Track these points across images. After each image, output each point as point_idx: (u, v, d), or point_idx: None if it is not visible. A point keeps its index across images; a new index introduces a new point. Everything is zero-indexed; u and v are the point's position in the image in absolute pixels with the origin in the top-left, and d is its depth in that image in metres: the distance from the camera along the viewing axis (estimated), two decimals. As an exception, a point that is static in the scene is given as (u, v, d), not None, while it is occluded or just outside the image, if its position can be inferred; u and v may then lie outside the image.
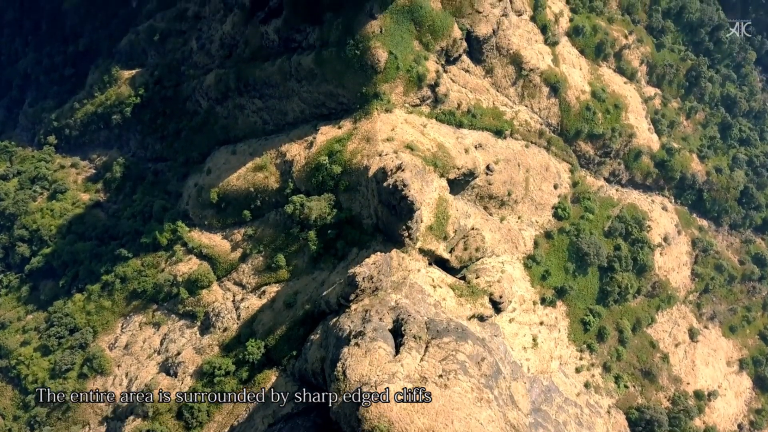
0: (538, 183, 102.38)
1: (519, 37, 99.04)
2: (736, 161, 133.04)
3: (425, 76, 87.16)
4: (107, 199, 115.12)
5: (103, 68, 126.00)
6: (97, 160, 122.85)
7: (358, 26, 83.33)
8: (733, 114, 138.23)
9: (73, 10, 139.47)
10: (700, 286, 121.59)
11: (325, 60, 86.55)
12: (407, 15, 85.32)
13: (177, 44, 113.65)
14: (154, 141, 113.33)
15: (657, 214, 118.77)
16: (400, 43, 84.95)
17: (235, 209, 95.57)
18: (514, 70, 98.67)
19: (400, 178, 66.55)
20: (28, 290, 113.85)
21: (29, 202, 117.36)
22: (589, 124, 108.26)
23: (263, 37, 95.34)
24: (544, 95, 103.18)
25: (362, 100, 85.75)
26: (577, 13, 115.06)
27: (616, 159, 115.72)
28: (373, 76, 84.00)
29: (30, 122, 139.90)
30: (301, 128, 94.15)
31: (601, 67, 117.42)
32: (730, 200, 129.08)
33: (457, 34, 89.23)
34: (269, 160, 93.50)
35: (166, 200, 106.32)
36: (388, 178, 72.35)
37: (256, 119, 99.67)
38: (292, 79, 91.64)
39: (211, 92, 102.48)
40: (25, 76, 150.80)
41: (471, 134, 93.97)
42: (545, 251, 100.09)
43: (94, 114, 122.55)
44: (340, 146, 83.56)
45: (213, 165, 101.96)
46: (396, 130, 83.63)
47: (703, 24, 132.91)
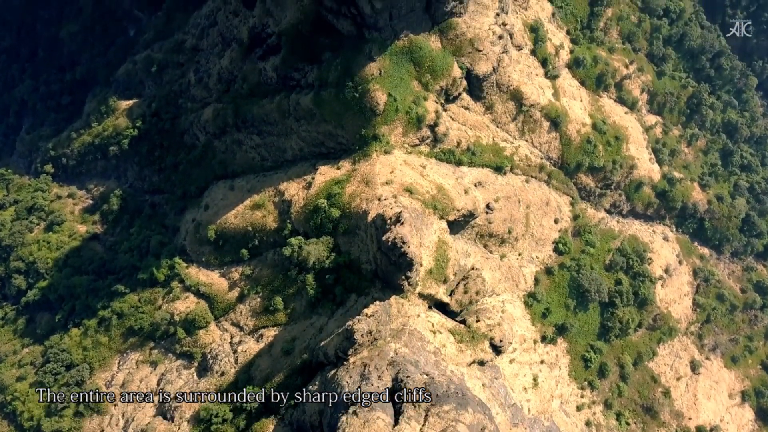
0: (538, 218, 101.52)
1: (519, 72, 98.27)
2: (737, 188, 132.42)
3: (424, 117, 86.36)
4: (104, 231, 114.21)
5: (100, 97, 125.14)
6: (95, 191, 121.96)
7: (357, 68, 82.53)
8: (734, 140, 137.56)
9: (71, 38, 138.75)
10: (701, 317, 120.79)
11: (324, 101, 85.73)
12: (406, 56, 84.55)
13: (174, 76, 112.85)
14: (152, 173, 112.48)
15: (658, 245, 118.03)
16: (399, 85, 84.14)
17: (232, 247, 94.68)
18: (514, 105, 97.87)
19: (399, 235, 65.66)
20: (24, 323, 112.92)
21: (26, 234, 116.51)
22: (590, 157, 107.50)
23: (261, 74, 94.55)
24: (544, 130, 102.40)
25: (361, 142, 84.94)
26: (578, 44, 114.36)
27: (617, 190, 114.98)
28: (372, 118, 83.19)
29: (27, 149, 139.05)
30: (300, 166, 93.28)
31: (602, 98, 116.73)
32: (731, 228, 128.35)
33: (456, 74, 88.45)
34: (267, 198, 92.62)
35: (164, 235, 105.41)
36: (387, 225, 71.62)
37: (254, 155, 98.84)
38: (290, 117, 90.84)
39: (209, 127, 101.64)
40: (21, 103, 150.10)
41: (471, 172, 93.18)
42: (546, 288, 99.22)
43: (91, 144, 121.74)
44: (339, 188, 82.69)
45: (211, 200, 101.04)
46: (395, 172, 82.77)
47: (704, 51, 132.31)
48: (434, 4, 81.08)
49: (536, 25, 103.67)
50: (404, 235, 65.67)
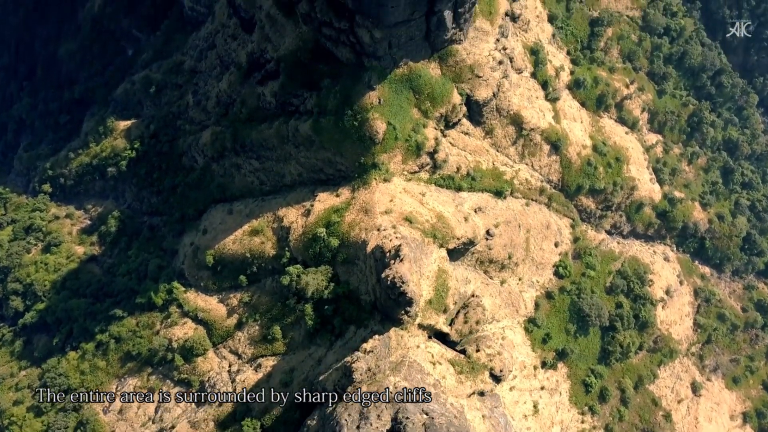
0: (539, 242, 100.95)
1: (520, 96, 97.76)
2: (738, 206, 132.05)
3: (424, 144, 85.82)
4: (102, 253, 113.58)
5: (98, 117, 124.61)
6: (92, 211, 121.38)
7: (356, 96, 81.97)
8: (735, 157, 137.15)
9: (69, 56, 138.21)
10: (702, 337, 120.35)
11: (323, 128, 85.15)
12: (406, 84, 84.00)
13: (173, 97, 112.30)
14: (150, 194, 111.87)
15: (659, 266, 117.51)
16: (398, 113, 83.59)
17: (231, 273, 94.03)
18: (514, 130, 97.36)
19: (399, 274, 65.14)
20: (21, 344, 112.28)
21: (23, 255, 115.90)
22: (591, 179, 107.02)
23: (260, 98, 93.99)
24: (545, 153, 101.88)
25: (360, 170, 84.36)
26: (578, 64, 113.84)
27: (618, 212, 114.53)
28: (371, 146, 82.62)
29: (24, 167, 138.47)
30: (299, 191, 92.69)
31: (603, 118, 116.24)
32: (732, 248, 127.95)
33: (456, 100, 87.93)
34: (266, 224, 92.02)
35: (162, 258, 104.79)
36: (386, 259, 71.17)
37: (253, 179, 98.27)
38: (289, 143, 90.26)
39: (207, 150, 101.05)
40: (20, 121, 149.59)
41: (470, 197, 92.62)
42: (546, 313, 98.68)
43: (89, 165, 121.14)
44: (338, 217, 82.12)
45: (209, 224, 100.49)
46: (394, 200, 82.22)
47: (705, 69, 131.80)
48: (434, 32, 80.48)
49: (536, 47, 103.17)
50: (404, 275, 65.10)
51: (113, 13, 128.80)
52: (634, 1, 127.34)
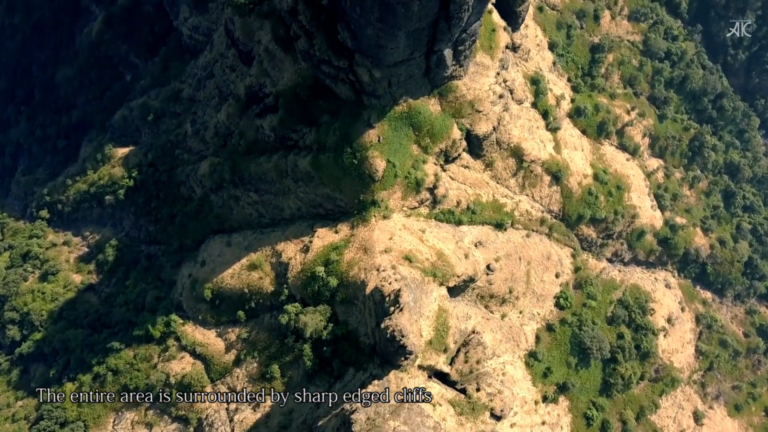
0: (539, 274, 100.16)
1: (520, 127, 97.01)
2: (740, 230, 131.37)
3: (424, 181, 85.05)
4: (100, 282, 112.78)
5: (96, 143, 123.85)
6: (90, 238, 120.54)
7: (355, 134, 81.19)
8: (736, 180, 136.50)
9: (66, 81, 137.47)
10: (704, 365, 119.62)
11: (322, 165, 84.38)
12: (405, 121, 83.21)
13: (171, 125, 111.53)
14: (148, 223, 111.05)
15: (660, 293, 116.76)
16: (398, 150, 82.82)
17: (229, 307, 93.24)
18: (515, 162, 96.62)
19: (399, 327, 64.38)
20: (18, 374, 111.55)
21: (20, 283, 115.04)
22: (592, 208, 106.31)
23: (259, 131, 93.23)
24: (545, 184, 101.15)
25: (360, 207, 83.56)
26: (579, 91, 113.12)
27: (619, 240, 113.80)
28: (370, 184, 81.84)
29: (22, 191, 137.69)
30: (298, 225, 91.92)
31: (604, 145, 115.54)
32: (734, 273, 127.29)
33: (456, 135, 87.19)
34: (264, 258, 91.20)
35: (160, 288, 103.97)
36: (386, 303, 70.43)
37: (251, 211, 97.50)
38: (288, 178, 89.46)
39: (206, 181, 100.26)
40: (17, 145, 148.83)
41: (471, 231, 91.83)
42: (547, 346, 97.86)
43: (87, 192, 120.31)
44: (337, 255, 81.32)
45: (207, 256, 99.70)
46: (394, 238, 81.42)
47: (706, 93, 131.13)
48: (433, 70, 79.69)
49: (537, 76, 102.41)
50: (404, 327, 64.37)
51: (111, 40, 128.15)
52: (635, 26, 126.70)
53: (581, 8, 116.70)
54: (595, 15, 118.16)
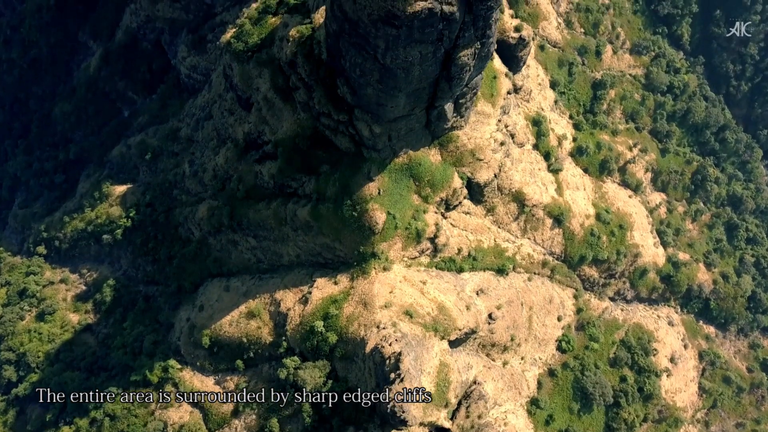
0: (541, 319, 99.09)
1: (521, 171, 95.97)
2: (743, 263, 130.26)
3: (424, 231, 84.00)
4: (97, 322, 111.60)
5: (94, 179, 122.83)
6: (87, 276, 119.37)
7: (355, 187, 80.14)
8: (739, 212, 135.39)
9: (64, 116, 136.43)
10: (707, 402, 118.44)
11: (322, 215, 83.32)
12: (406, 172, 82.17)
13: (169, 165, 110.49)
14: (146, 263, 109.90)
15: (663, 332, 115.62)
16: (398, 201, 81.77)
17: (227, 355, 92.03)
18: (516, 206, 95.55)
19: (400, 408, 63.33)
20: (14, 415, 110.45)
21: (17, 322, 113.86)
22: (594, 249, 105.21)
23: (257, 177, 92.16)
24: (547, 227, 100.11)
25: (359, 258, 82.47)
26: (580, 129, 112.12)
27: (621, 279, 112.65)
28: (370, 236, 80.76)
29: (19, 225, 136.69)
30: (297, 273, 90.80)
31: (606, 183, 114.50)
32: (737, 308, 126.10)
33: (457, 184, 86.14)
34: (263, 306, 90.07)
35: (157, 332, 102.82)
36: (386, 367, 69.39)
37: (250, 256, 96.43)
38: (287, 226, 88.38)
39: (204, 225, 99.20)
40: (14, 178, 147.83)
41: (472, 278, 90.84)
42: (549, 392, 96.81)
43: (84, 231, 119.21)
44: (336, 309, 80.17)
45: (205, 300, 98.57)
46: (394, 291, 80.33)
47: (709, 126, 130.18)
48: (434, 122, 78.72)
49: (538, 117, 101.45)
50: (405, 409, 63.29)
51: (109, 76, 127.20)
52: (637, 59, 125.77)
53: (583, 44, 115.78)
54: (597, 51, 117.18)
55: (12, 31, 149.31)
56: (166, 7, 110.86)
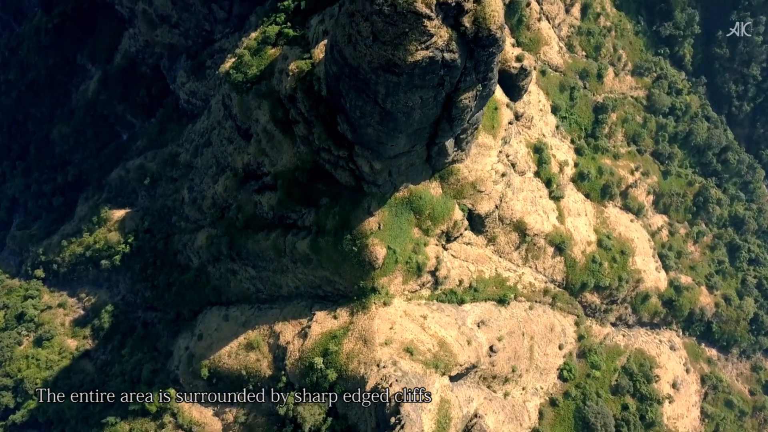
0: (542, 348, 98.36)
1: (523, 200, 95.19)
2: (745, 285, 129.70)
3: (425, 264, 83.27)
4: (95, 348, 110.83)
5: (92, 203, 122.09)
6: (86, 300, 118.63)
7: (355, 221, 79.38)
8: (741, 233, 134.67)
9: (62, 139, 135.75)
10: (710, 428, 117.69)
11: (321, 249, 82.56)
12: (406, 206, 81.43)
13: (168, 190, 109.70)
14: (145, 288, 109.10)
15: (665, 357, 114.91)
16: (399, 235, 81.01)
17: (226, 387, 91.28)
18: (517, 236, 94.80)
19: (400, 457, 62.60)
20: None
21: (14, 347, 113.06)
22: (596, 276, 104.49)
23: (257, 207, 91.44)
24: (548, 255, 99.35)
25: (359, 292, 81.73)
26: (582, 154, 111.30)
27: (623, 304, 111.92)
28: (371, 271, 79.96)
29: (17, 246, 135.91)
30: (296, 304, 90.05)
31: (607, 208, 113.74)
32: (739, 331, 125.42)
33: (458, 217, 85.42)
34: (262, 338, 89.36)
35: (156, 360, 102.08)
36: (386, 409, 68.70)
37: (249, 286, 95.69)
38: (286, 257, 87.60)
39: (203, 253, 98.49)
40: (13, 200, 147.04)
41: (473, 309, 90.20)
42: (550, 422, 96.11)
43: (83, 255, 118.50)
44: (335, 345, 79.36)
45: (204, 329, 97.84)
46: (395, 327, 79.57)
47: (711, 147, 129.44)
48: (435, 157, 78.00)
49: (540, 144, 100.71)
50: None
51: (107, 100, 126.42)
52: (639, 81, 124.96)
53: (584, 67, 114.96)
54: (598, 74, 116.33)
55: (10, 53, 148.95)
56: (165, 33, 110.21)
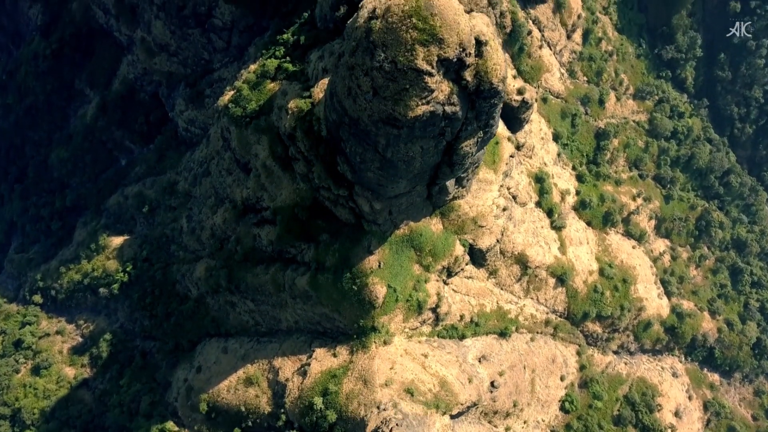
0: (544, 380, 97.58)
1: (524, 232, 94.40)
2: (747, 309, 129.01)
3: (426, 302, 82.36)
4: (93, 376, 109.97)
5: (90, 228, 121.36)
6: (84, 327, 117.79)
7: (355, 259, 78.52)
8: (743, 255, 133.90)
9: (60, 163, 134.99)
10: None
11: (321, 286, 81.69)
12: (407, 243, 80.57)
13: (166, 219, 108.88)
14: (143, 317, 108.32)
15: (667, 384, 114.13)
16: (399, 273, 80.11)
17: (225, 421, 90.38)
18: (519, 268, 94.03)
19: None
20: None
21: (12, 375, 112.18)
22: (598, 305, 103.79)
23: (256, 239, 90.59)
24: (550, 287, 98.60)
25: (359, 331, 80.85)
26: (584, 181, 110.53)
27: (625, 332, 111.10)
28: (371, 310, 79.08)
29: (15, 270, 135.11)
30: (295, 339, 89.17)
31: (609, 235, 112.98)
32: (742, 356, 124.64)
33: (459, 252, 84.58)
34: (261, 373, 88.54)
35: (155, 390, 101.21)
36: (386, 455, 67.86)
37: (248, 318, 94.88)
38: (285, 292, 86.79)
39: (202, 285, 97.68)
40: (11, 223, 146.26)
41: (475, 344, 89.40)
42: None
43: (81, 283, 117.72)
44: (335, 385, 78.40)
45: (203, 361, 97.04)
46: (395, 367, 78.62)
47: (713, 170, 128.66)
48: (436, 196, 77.18)
49: (541, 174, 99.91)
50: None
51: (106, 126, 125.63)
52: (641, 104, 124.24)
53: (586, 93, 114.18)
54: (600, 99, 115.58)
55: (8, 76, 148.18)
56: (164, 61, 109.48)
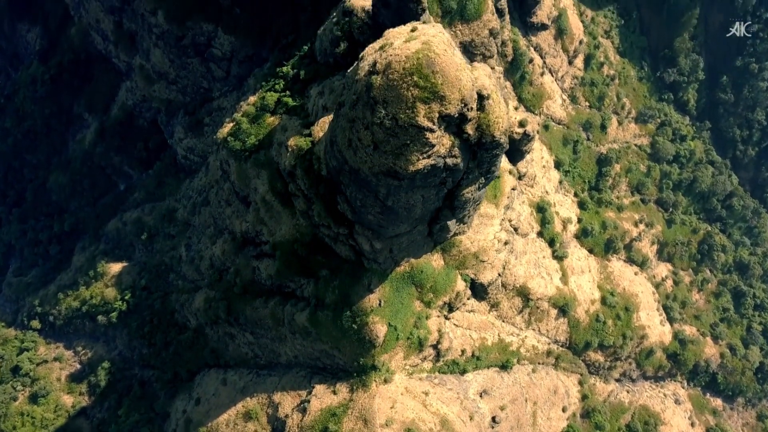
0: (546, 412, 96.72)
1: (526, 264, 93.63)
2: (750, 333, 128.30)
3: (427, 339, 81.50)
4: (92, 405, 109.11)
5: (89, 254, 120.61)
6: (82, 354, 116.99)
7: (355, 297, 77.67)
8: (746, 278, 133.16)
9: (59, 187, 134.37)
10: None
11: (320, 323, 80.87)
12: (408, 280, 79.75)
13: (165, 246, 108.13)
14: (142, 345, 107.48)
15: (670, 412, 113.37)
16: (400, 311, 79.28)
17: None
18: (520, 300, 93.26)
19: None
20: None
21: (9, 403, 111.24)
22: (599, 335, 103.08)
23: (255, 272, 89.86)
24: (552, 318, 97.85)
25: (359, 369, 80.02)
26: (585, 208, 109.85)
27: (627, 360, 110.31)
28: (371, 349, 78.20)
29: (13, 294, 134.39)
30: (295, 373, 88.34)
31: (611, 261, 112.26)
32: (745, 381, 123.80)
33: (460, 287, 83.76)
34: (260, 407, 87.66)
35: (153, 421, 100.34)
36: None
37: (247, 350, 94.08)
38: (285, 327, 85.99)
39: (200, 316, 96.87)
40: (9, 246, 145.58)
41: (476, 378, 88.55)
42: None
43: (79, 310, 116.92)
44: (335, 424, 77.40)
45: (202, 393, 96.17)
46: (395, 406, 77.73)
47: (715, 193, 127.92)
48: (437, 233, 76.36)
49: (543, 204, 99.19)
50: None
51: (104, 152, 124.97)
52: (642, 128, 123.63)
53: (588, 119, 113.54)
54: (602, 125, 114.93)
55: (6, 99, 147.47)
56: (163, 89, 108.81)
